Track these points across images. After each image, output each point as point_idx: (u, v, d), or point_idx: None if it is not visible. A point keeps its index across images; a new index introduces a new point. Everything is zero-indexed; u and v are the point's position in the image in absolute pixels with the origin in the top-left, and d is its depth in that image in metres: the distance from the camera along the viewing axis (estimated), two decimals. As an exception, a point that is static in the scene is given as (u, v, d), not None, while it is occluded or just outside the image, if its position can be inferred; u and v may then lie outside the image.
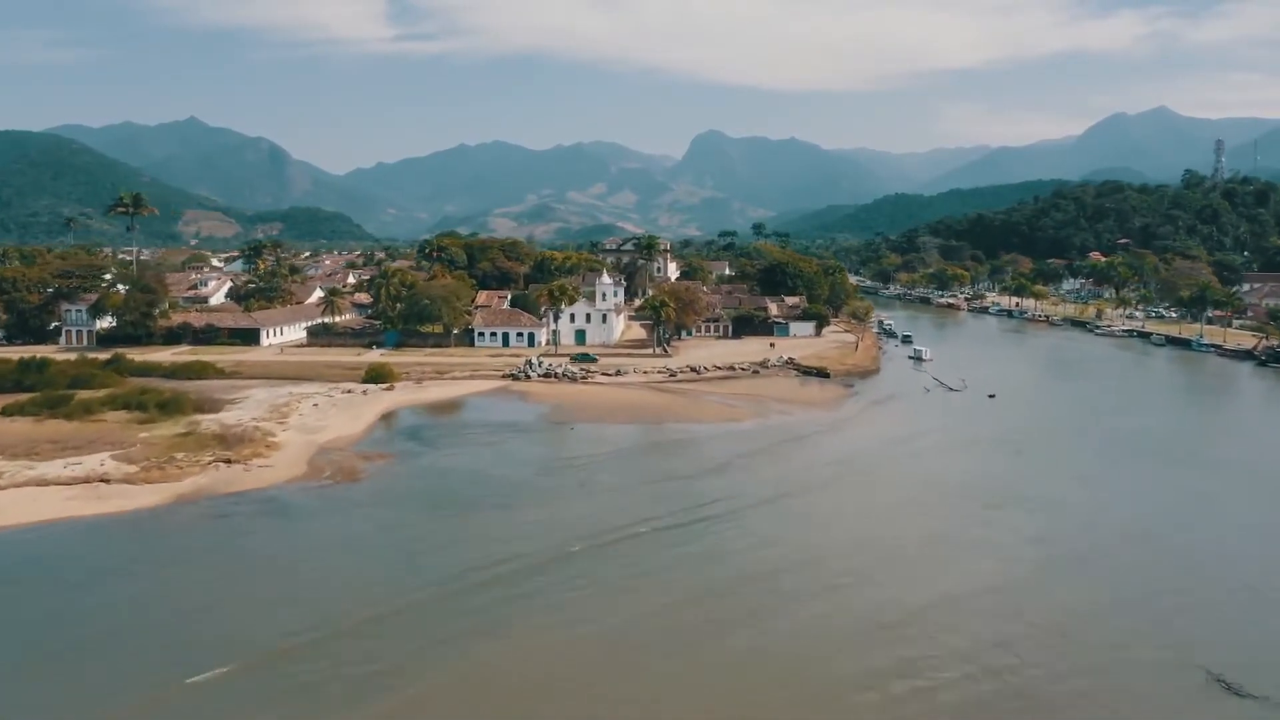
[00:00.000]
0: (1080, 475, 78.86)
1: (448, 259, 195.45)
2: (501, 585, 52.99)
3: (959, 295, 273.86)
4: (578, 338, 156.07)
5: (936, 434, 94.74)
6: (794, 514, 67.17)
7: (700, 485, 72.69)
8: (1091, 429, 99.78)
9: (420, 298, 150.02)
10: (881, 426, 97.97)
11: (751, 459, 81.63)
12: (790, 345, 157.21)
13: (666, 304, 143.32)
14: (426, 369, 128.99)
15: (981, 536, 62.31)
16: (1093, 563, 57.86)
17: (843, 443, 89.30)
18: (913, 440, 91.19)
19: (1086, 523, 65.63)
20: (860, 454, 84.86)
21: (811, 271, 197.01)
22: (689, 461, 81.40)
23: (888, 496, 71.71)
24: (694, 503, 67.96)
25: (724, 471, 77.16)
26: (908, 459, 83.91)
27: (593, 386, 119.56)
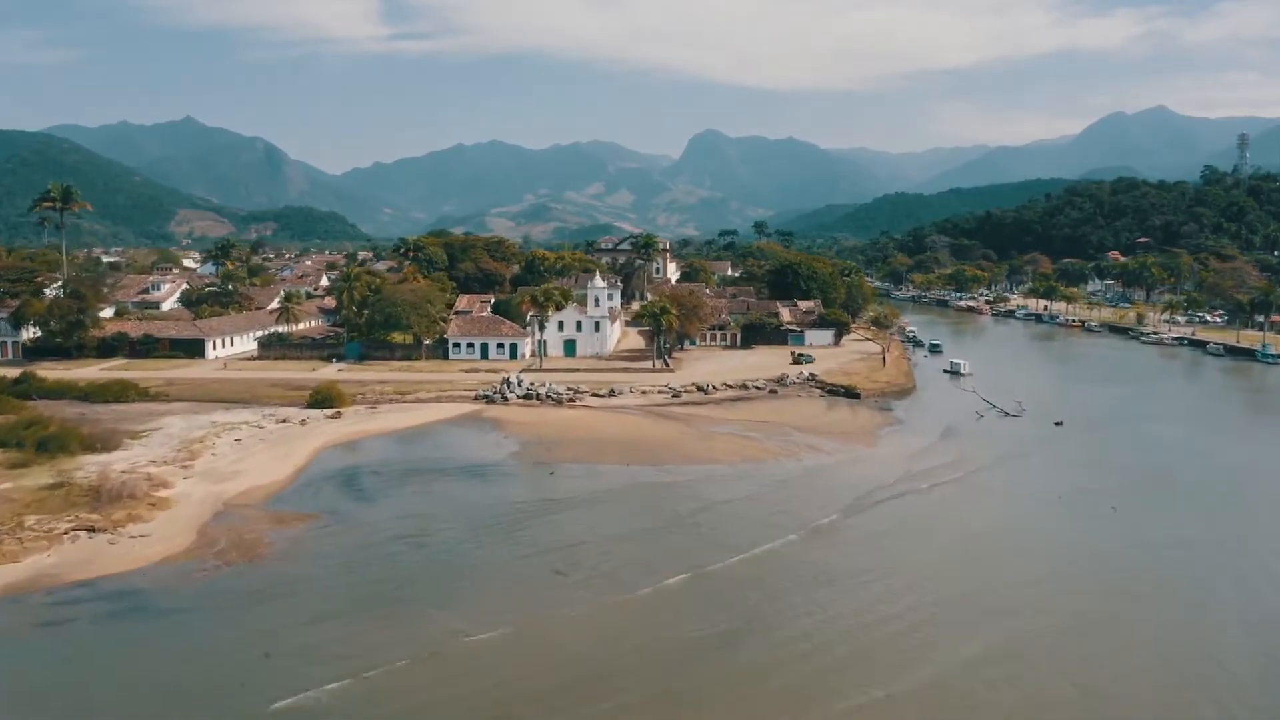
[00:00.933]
0: (1235, 568, 58.39)
1: (425, 259, 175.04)
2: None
3: (980, 298, 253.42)
4: (567, 349, 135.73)
5: (1022, 487, 74.44)
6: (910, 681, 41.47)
7: (726, 591, 51.48)
8: (1193, 469, 79.63)
9: (386, 304, 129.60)
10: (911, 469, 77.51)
11: (793, 535, 60.88)
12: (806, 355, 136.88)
13: (668, 311, 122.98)
14: (386, 389, 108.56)
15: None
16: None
17: (913, 509, 67.57)
18: (997, 503, 70.68)
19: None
20: (942, 527, 63.94)
21: (826, 273, 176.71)
22: (706, 536, 60.22)
23: (1020, 625, 47.25)
24: (721, 632, 47.22)
25: (759, 561, 55.62)
26: (1014, 539, 62.59)
27: (581, 411, 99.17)
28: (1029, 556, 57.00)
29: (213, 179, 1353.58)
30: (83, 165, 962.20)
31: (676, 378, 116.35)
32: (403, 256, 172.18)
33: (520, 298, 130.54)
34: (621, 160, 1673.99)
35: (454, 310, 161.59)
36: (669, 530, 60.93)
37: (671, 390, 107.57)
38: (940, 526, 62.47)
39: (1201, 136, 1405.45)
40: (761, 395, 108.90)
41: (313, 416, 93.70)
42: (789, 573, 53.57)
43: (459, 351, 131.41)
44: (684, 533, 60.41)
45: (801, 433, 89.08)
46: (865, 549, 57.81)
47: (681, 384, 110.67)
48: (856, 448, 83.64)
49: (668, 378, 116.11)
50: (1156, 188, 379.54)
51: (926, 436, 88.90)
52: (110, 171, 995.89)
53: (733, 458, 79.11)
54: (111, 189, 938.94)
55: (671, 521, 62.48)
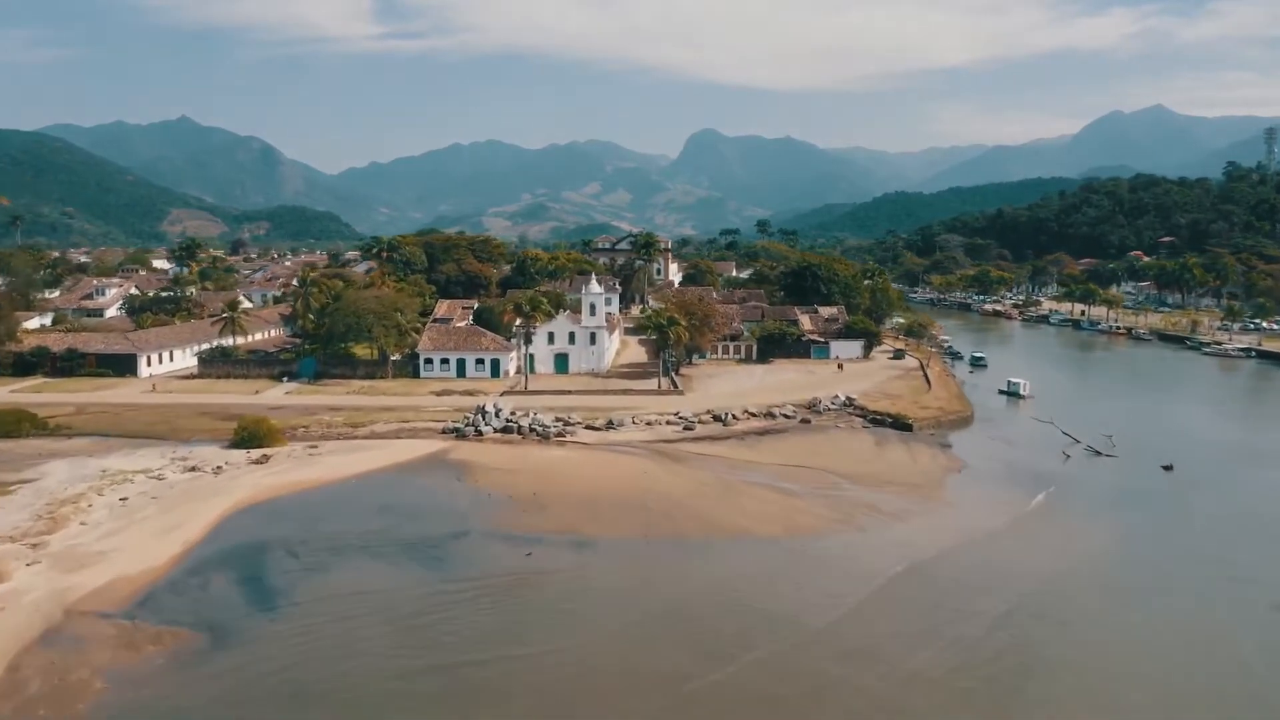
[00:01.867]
0: None
1: (401, 260, 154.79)
2: None
3: (1007, 301, 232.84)
4: (558, 364, 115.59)
5: (1208, 591, 54.45)
6: None
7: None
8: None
9: (346, 313, 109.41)
10: (1050, 553, 57.47)
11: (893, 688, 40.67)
12: (834, 373, 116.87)
13: (676, 322, 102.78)
14: (336, 419, 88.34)
15: None
16: None
17: (1080, 650, 46.03)
18: (1202, 624, 50.24)
19: None
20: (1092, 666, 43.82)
21: (848, 276, 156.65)
22: (769, 701, 39.75)
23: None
24: None
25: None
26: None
27: (573, 451, 78.95)
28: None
29: (208, 179, 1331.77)
30: (75, 165, 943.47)
31: (687, 402, 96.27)
32: (376, 257, 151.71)
33: (504, 306, 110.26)
34: (619, 160, 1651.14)
35: (433, 318, 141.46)
36: (706, 689, 39.88)
37: (683, 421, 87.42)
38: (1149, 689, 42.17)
39: (1200, 135, 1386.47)
40: (792, 425, 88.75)
41: (234, 460, 73.49)
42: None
43: (431, 368, 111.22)
44: (730, 694, 39.65)
45: (853, 484, 68.94)
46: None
47: (694, 411, 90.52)
48: (931, 510, 63.42)
49: (677, 403, 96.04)
50: (1178, 185, 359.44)
51: (1012, 489, 68.81)
52: (102, 171, 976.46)
53: (772, 526, 58.90)
54: (103, 188, 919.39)
55: (707, 662, 41.61)
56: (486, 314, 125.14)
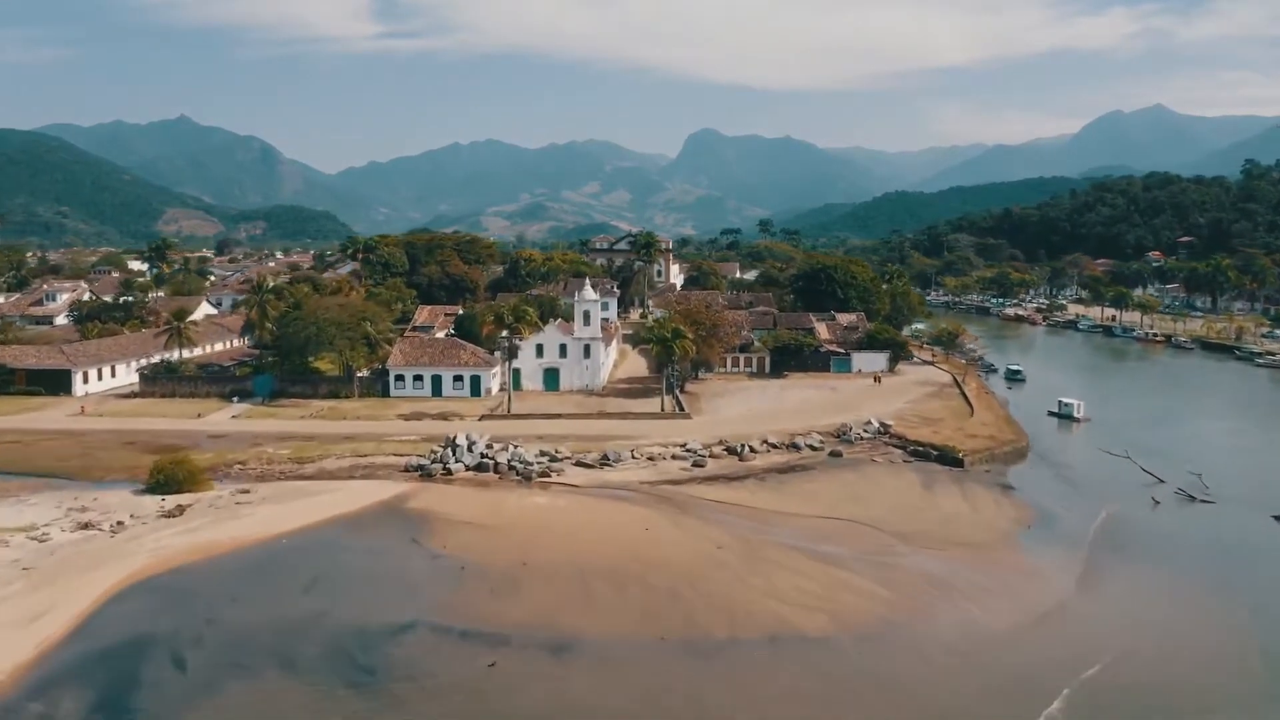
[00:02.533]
0: None
1: (380, 262, 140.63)
2: None
3: (1028, 305, 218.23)
4: (548, 380, 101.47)
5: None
6: None
7: None
8: None
9: (306, 323, 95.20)
10: (1199, 660, 43.47)
11: None
12: (859, 389, 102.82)
13: (682, 335, 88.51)
14: (283, 452, 74.23)
15: None
16: None
17: None
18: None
19: None
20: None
21: (866, 279, 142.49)
22: None
23: None
24: None
25: None
26: None
27: (559, 496, 64.70)
28: None
29: (207, 178, 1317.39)
30: (71, 164, 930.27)
31: (695, 428, 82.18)
32: (351, 258, 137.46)
33: (484, 317, 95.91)
34: (618, 159, 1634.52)
35: (411, 325, 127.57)
36: None
37: (691, 454, 73.26)
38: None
39: (1201, 135, 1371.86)
40: (820, 460, 74.62)
41: (142, 512, 59.37)
42: None
43: (403, 386, 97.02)
44: None
45: (907, 545, 54.79)
46: None
47: (705, 441, 76.41)
48: (1013, 586, 49.19)
49: (683, 429, 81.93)
50: (1196, 183, 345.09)
51: (1108, 554, 54.63)
52: (99, 170, 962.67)
53: (815, 615, 44.69)
54: (99, 188, 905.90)
55: None
56: (469, 322, 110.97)
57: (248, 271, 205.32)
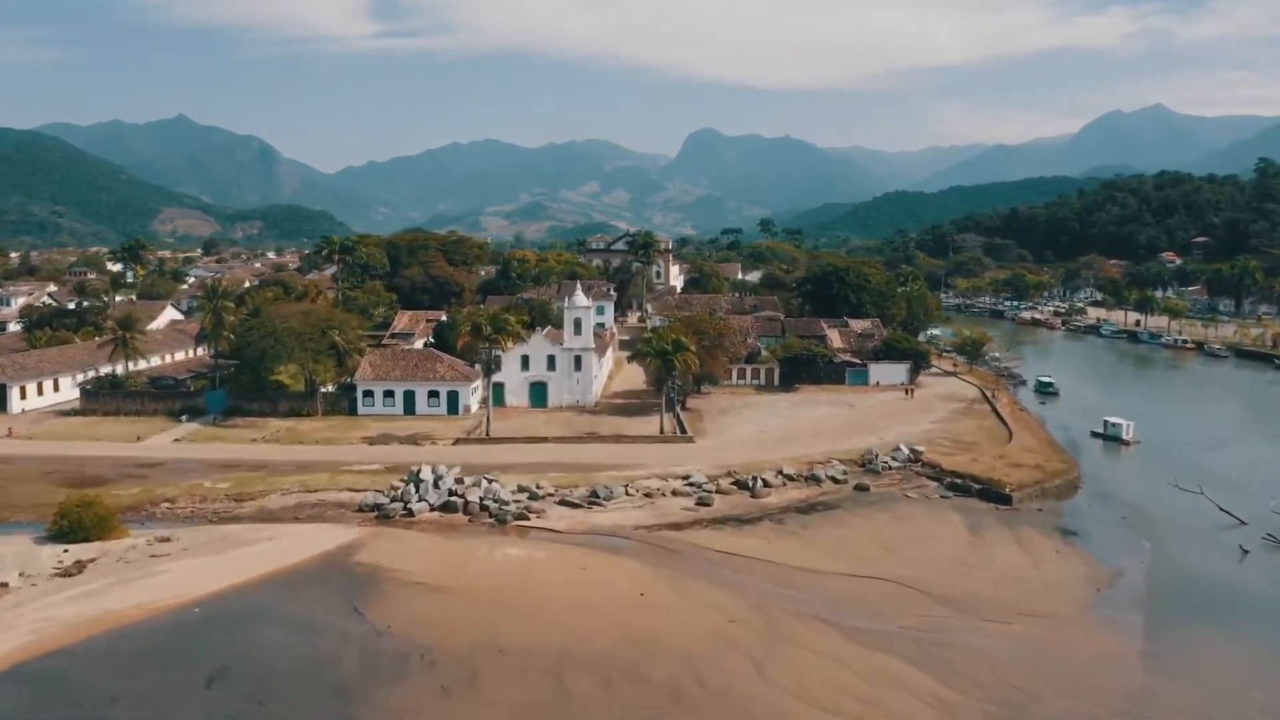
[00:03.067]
0: None
1: (359, 264, 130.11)
2: None
3: (1045, 308, 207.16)
4: (534, 396, 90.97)
5: None
6: None
7: None
8: None
9: (261, 334, 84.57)
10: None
11: None
12: (880, 406, 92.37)
13: (684, 347, 77.83)
14: (219, 489, 63.65)
15: None
16: None
17: None
18: None
19: None
20: None
21: (880, 282, 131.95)
22: None
23: None
24: None
25: None
26: None
27: (538, 548, 53.97)
28: None
29: (206, 178, 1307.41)
30: (67, 163, 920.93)
31: (700, 454, 71.73)
32: (326, 260, 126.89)
33: (461, 326, 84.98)
34: (617, 159, 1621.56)
35: (391, 332, 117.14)
36: None
37: (695, 488, 62.68)
38: None
39: (1201, 135, 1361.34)
40: (845, 495, 64.04)
41: (35, 569, 48.89)
42: None
43: (372, 403, 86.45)
44: None
45: (959, 613, 44.23)
46: None
47: (711, 472, 65.91)
48: (1102, 677, 38.58)
49: (686, 455, 71.43)
50: (1209, 182, 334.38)
51: (1196, 621, 44.19)
52: (96, 170, 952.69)
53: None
54: (95, 187, 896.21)
55: None
56: (449, 331, 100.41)
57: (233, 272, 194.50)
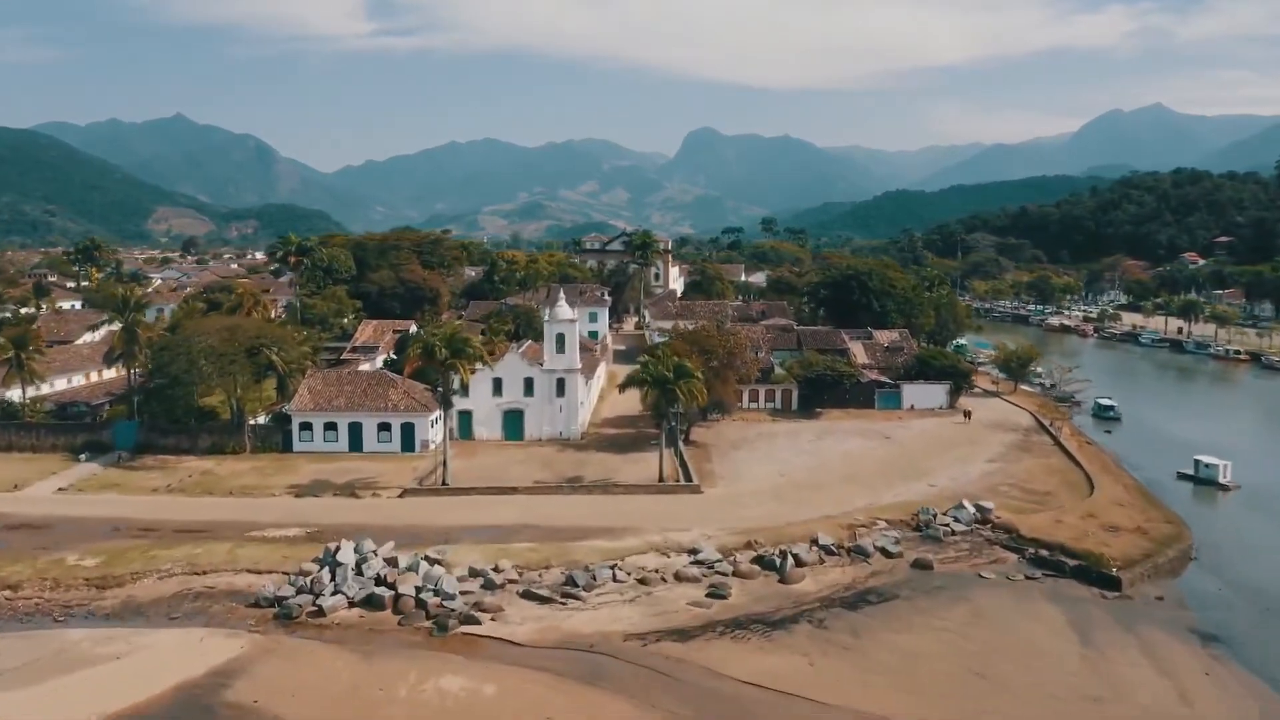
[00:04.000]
0: None
1: (320, 267, 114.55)
2: None
3: (1074, 313, 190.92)
4: (508, 427, 75.44)
5: None
6: None
7: None
8: None
9: (177, 354, 68.80)
10: None
11: None
12: (922, 436, 76.95)
13: (689, 374, 61.97)
14: (82, 569, 48.04)
15: None
16: None
17: None
18: None
19: None
20: None
21: (906, 287, 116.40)
22: None
23: None
24: None
25: None
26: None
27: (487, 669, 38.24)
28: None
29: (204, 177, 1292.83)
30: (61, 162, 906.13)
31: (709, 509, 56.18)
32: (281, 262, 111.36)
33: (410, 349, 68.78)
34: (616, 158, 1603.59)
35: (352, 346, 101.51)
36: None
37: (706, 568, 47.11)
38: None
39: (1201, 134, 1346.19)
40: (900, 574, 48.41)
41: None
42: None
43: (311, 438, 70.78)
44: None
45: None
46: None
47: (724, 540, 50.37)
48: None
49: (690, 511, 55.85)
50: (1230, 180, 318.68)
51: None
52: (90, 169, 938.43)
53: None
54: (89, 186, 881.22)
55: None
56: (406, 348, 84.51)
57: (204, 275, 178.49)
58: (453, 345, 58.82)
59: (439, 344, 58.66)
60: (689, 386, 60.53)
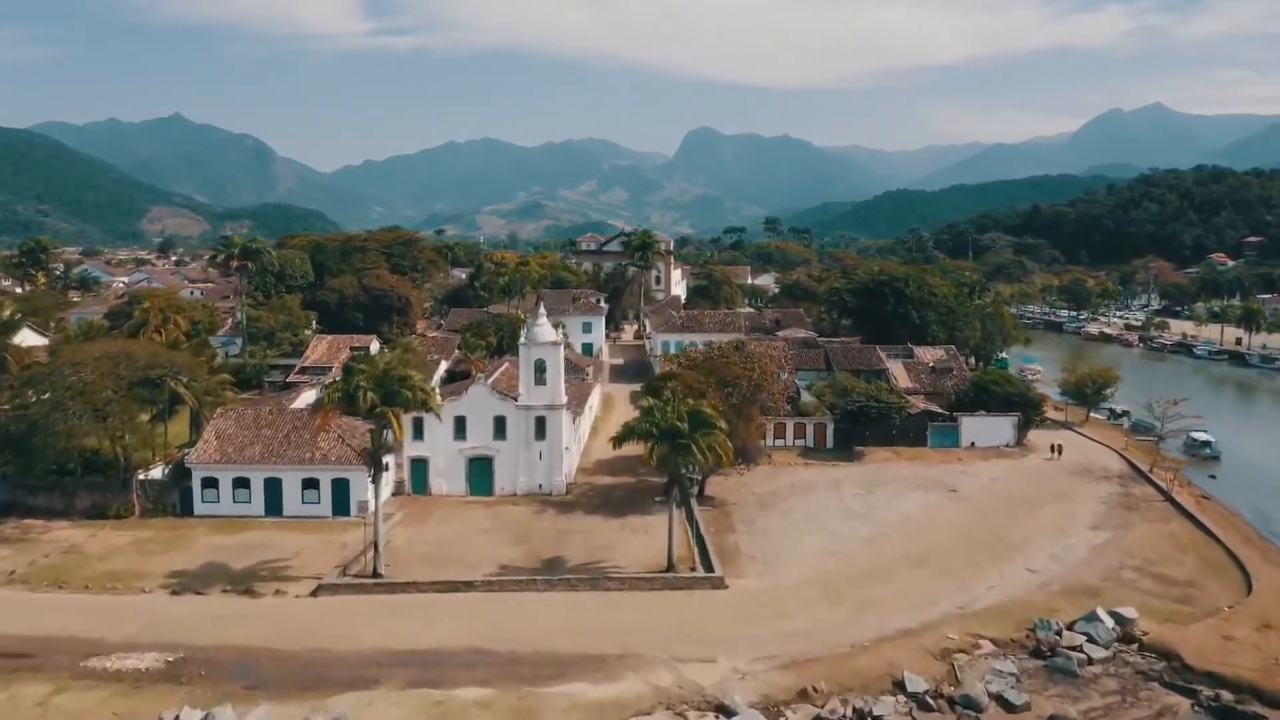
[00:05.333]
0: None
1: (271, 271, 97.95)
2: None
3: (1113, 319, 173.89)
4: (474, 478, 58.91)
5: None
6: None
7: None
8: None
9: (42, 395, 52.37)
10: None
11: None
12: (992, 488, 60.65)
13: (710, 425, 45.29)
14: None
15: None
16: None
17: None
18: None
19: None
20: None
21: (949, 296, 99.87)
22: None
23: None
24: None
25: None
26: None
27: None
28: None
29: (203, 177, 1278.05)
30: (55, 161, 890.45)
31: (736, 618, 39.87)
32: (223, 266, 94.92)
33: (326, 393, 51.42)
34: (615, 158, 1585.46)
35: (300, 366, 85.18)
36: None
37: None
38: None
39: (1201, 134, 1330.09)
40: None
41: None
42: None
43: (215, 497, 54.16)
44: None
45: None
46: None
47: (764, 684, 34.06)
48: None
49: (711, 623, 39.48)
50: (1256, 177, 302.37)
51: None
52: (86, 168, 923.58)
53: None
54: (84, 186, 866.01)
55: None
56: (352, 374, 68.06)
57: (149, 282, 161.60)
58: (384, 387, 42.31)
59: (364, 385, 42.10)
60: (709, 441, 44.03)
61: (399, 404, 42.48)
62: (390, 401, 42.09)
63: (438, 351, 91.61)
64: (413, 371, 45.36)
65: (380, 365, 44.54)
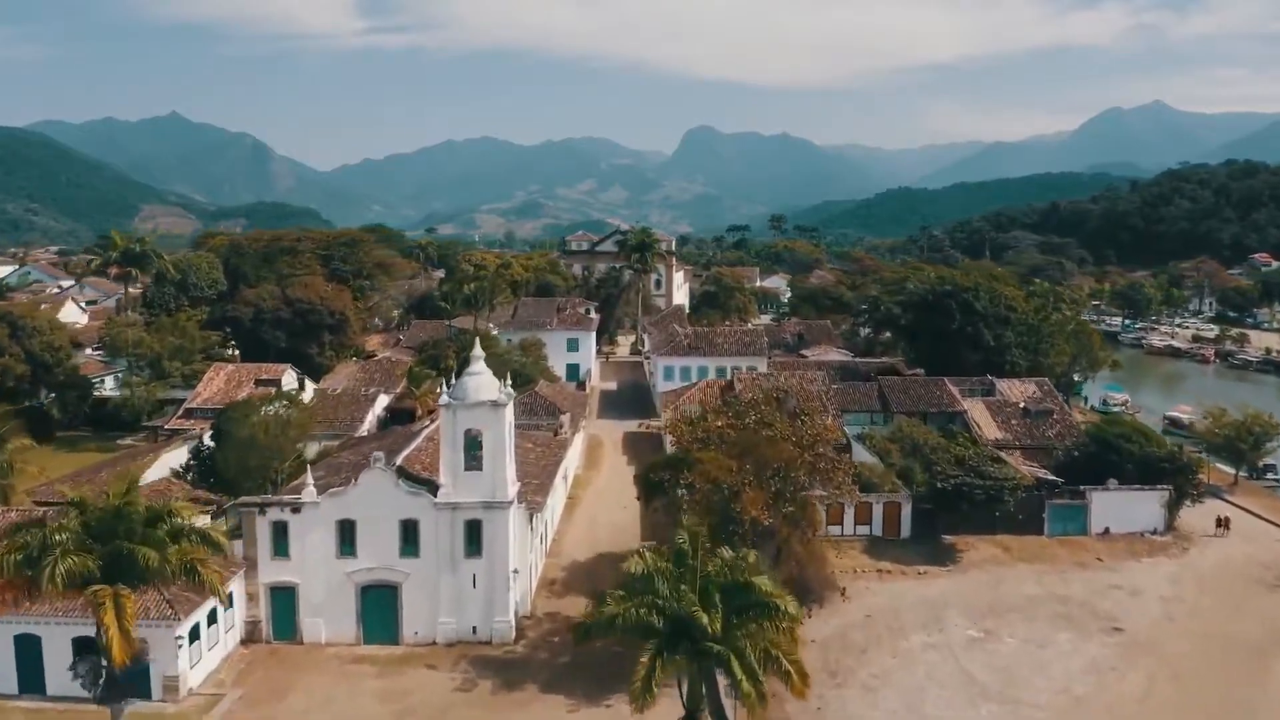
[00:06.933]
0: None
1: (168, 281, 75.62)
2: None
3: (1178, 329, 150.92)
4: (368, 613, 36.47)
5: None
6: None
7: None
8: None
9: None
10: None
11: None
12: (1161, 613, 38.50)
13: (766, 606, 23.35)
14: None
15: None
16: None
17: None
18: None
19: None
20: None
21: (1029, 310, 77.63)
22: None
23: None
24: None
25: None
26: None
27: None
28: None
29: (199, 175, 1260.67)
30: (49, 160, 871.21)
31: None
32: (100, 273, 72.75)
33: (3, 556, 29.62)
34: (614, 157, 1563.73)
35: (185, 408, 63.23)
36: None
37: None
38: None
39: (1202, 132, 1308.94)
40: None
41: None
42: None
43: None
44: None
45: None
46: None
47: None
48: None
49: None
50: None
51: None
52: (80, 167, 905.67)
53: None
54: (76, 184, 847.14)
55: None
56: (233, 424, 46.06)
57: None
58: (112, 543, 20.14)
59: (65, 546, 19.96)
60: (765, 646, 21.88)
61: (132, 578, 20.30)
62: (118, 579, 19.90)
63: (378, 382, 69.83)
64: (184, 505, 23.25)
65: (117, 494, 22.30)
